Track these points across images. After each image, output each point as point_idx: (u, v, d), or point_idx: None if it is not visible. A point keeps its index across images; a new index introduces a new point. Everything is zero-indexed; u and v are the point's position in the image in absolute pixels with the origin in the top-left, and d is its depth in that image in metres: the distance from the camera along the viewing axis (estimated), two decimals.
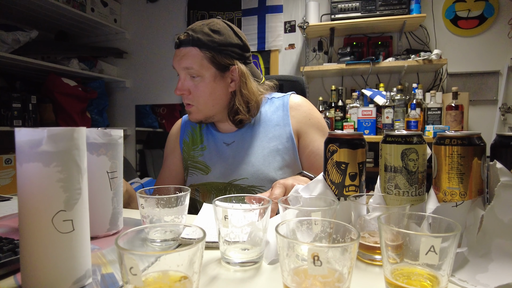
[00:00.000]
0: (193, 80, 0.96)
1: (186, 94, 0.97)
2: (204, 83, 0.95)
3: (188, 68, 0.94)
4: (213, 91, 0.97)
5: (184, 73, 0.96)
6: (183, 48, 0.95)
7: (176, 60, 0.96)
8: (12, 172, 2.18)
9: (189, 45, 0.94)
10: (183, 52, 0.94)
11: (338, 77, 2.64)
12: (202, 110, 0.99)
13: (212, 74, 0.95)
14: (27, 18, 2.58)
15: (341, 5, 2.33)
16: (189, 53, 0.94)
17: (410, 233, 0.40)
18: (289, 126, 1.01)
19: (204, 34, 0.94)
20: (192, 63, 0.93)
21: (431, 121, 2.16)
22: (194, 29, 0.95)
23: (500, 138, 0.53)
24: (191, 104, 0.99)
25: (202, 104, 0.98)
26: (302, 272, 0.38)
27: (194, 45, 0.94)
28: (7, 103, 2.22)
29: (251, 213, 0.50)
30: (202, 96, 0.97)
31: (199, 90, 0.96)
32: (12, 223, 0.72)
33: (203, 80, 0.95)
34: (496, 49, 2.34)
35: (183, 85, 0.96)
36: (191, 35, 0.94)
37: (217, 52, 0.94)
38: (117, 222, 0.66)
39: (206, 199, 1.03)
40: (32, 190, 0.41)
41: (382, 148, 0.59)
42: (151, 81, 3.11)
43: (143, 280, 0.35)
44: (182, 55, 0.94)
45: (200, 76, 0.95)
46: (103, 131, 0.62)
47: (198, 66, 0.94)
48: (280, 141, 1.00)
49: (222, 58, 0.95)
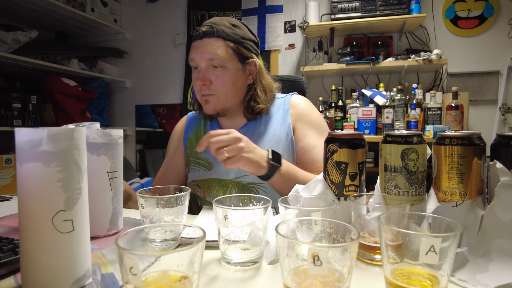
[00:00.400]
0: (215, 70, 0.96)
1: (208, 84, 0.97)
2: (227, 74, 0.97)
3: (213, 58, 0.95)
4: (235, 81, 0.99)
5: (206, 64, 0.96)
6: (206, 39, 0.96)
7: (198, 51, 0.96)
8: (12, 172, 2.18)
9: (213, 36, 0.95)
10: (206, 43, 0.95)
11: (338, 77, 2.64)
12: (223, 101, 0.99)
13: (235, 65, 0.98)
14: (27, 18, 2.58)
15: (341, 5, 2.33)
16: (213, 43, 0.95)
17: (410, 233, 0.40)
18: (289, 124, 1.02)
19: (226, 27, 0.97)
20: (217, 53, 0.94)
21: (431, 121, 2.16)
22: (215, 22, 0.97)
23: (500, 138, 0.53)
24: (211, 94, 0.99)
25: (223, 94, 0.98)
26: (302, 272, 0.38)
27: (218, 36, 0.96)
28: (7, 103, 2.22)
29: (251, 213, 0.50)
30: (225, 86, 0.97)
31: (222, 80, 0.97)
32: (12, 223, 0.72)
33: (225, 70, 0.97)
34: (496, 49, 2.34)
35: (204, 75, 0.96)
36: (214, 27, 0.96)
37: (239, 44, 0.98)
38: (117, 222, 0.66)
39: (207, 195, 1.04)
40: (32, 190, 0.41)
41: (382, 148, 0.59)
42: (151, 81, 3.11)
43: (143, 280, 0.35)
44: (205, 45, 0.95)
45: (223, 66, 0.96)
46: (103, 131, 0.62)
47: (223, 56, 0.95)
48: (280, 139, 1.01)
49: (244, 50, 0.99)
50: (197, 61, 0.97)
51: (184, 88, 2.97)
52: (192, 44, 0.99)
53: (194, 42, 0.98)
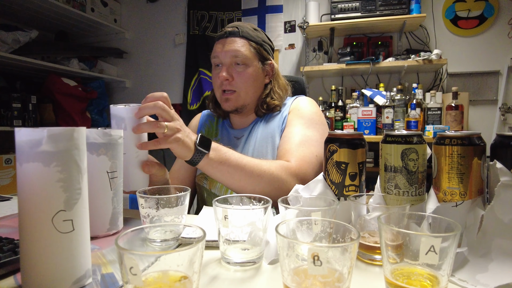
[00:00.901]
0: (237, 67, 1.03)
1: (230, 80, 1.03)
2: (248, 71, 1.04)
3: (237, 55, 1.01)
4: (255, 79, 1.06)
5: (229, 60, 1.03)
6: (231, 38, 1.03)
7: (223, 48, 1.03)
8: (12, 172, 2.18)
9: (237, 36, 1.04)
10: (231, 41, 1.03)
11: (338, 77, 2.64)
12: (243, 97, 1.05)
13: (256, 64, 1.05)
14: (27, 18, 2.58)
15: (341, 5, 2.33)
16: (238, 42, 1.03)
17: (410, 233, 0.40)
18: (285, 117, 1.07)
19: (249, 29, 1.06)
20: (241, 51, 1.02)
21: (431, 121, 2.16)
22: (239, 25, 1.06)
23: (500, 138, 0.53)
24: (232, 91, 1.04)
25: (244, 90, 1.04)
26: (302, 272, 0.38)
27: (242, 36, 1.04)
28: (7, 103, 2.22)
29: (251, 213, 0.50)
30: (246, 82, 1.04)
31: (244, 77, 1.03)
32: (12, 223, 0.72)
33: (247, 68, 1.03)
34: (496, 49, 2.34)
35: (228, 71, 1.02)
36: (239, 28, 1.04)
37: (260, 45, 1.06)
38: (117, 222, 0.66)
39: (212, 187, 1.07)
40: (32, 190, 0.41)
41: (382, 148, 0.59)
42: (151, 81, 3.11)
43: (143, 280, 0.35)
44: (230, 43, 1.02)
45: (245, 64, 1.03)
46: (103, 131, 0.62)
47: (246, 54, 1.02)
48: (274, 130, 1.05)
49: (264, 51, 1.08)
50: (221, 57, 1.03)
51: (184, 88, 2.97)
52: (216, 43, 1.06)
53: (218, 41, 1.05)
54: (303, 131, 0.98)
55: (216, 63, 1.06)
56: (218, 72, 1.04)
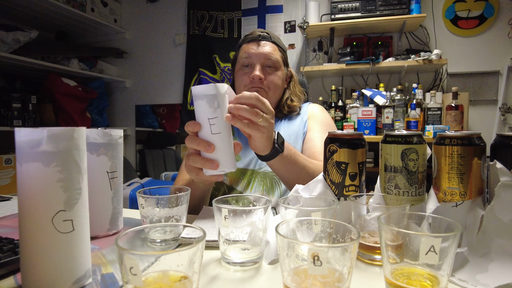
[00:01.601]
0: (268, 69, 1.10)
1: (262, 79, 1.08)
2: (277, 74, 1.12)
3: (270, 58, 1.09)
4: (281, 82, 1.14)
5: (262, 62, 1.09)
6: (264, 41, 1.11)
7: (257, 49, 1.09)
8: (12, 172, 2.18)
9: (270, 41, 1.12)
10: (264, 44, 1.10)
11: (338, 77, 2.64)
12: (270, 97, 1.11)
13: (282, 68, 1.14)
14: (27, 18, 2.58)
15: (341, 5, 2.33)
16: (271, 46, 1.11)
17: (410, 233, 0.40)
18: (306, 121, 1.15)
19: (277, 38, 1.16)
20: (273, 54, 1.10)
21: (431, 121, 2.16)
22: (268, 31, 1.14)
23: (500, 138, 0.53)
24: (263, 89, 1.09)
25: (272, 91, 1.11)
26: (302, 272, 0.38)
27: (273, 42, 1.13)
28: (7, 103, 2.22)
29: (251, 213, 0.50)
30: (275, 84, 1.11)
31: (274, 78, 1.11)
32: (12, 223, 0.72)
33: (276, 71, 1.11)
34: (496, 49, 2.34)
35: (261, 71, 1.08)
36: (270, 34, 1.13)
37: (284, 53, 1.17)
38: (117, 222, 0.66)
39: (233, 183, 1.09)
40: (32, 190, 0.41)
41: (382, 148, 0.59)
42: (151, 81, 3.11)
43: (143, 280, 0.35)
44: (263, 46, 1.10)
45: (275, 67, 1.11)
46: (103, 131, 0.62)
47: (276, 58, 1.11)
48: (298, 135, 1.12)
49: (286, 59, 1.18)
50: (254, 58, 1.09)
51: (184, 88, 2.97)
52: (247, 45, 1.12)
53: (249, 43, 1.12)
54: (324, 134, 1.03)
55: (245, 63, 1.11)
56: (248, 71, 1.09)
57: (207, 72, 2.89)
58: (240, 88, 1.13)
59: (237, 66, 1.15)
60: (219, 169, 0.64)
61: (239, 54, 1.14)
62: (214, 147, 0.62)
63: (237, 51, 1.18)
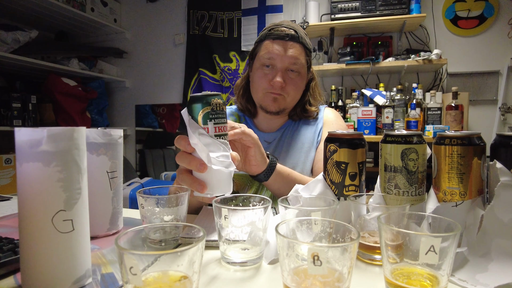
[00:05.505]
0: (290, 73, 1.01)
1: (283, 85, 1.00)
2: (299, 79, 1.03)
3: (295, 62, 0.99)
4: (302, 87, 1.06)
5: (286, 65, 1.00)
6: (291, 42, 0.99)
7: (284, 52, 0.99)
8: (12, 172, 2.18)
9: (297, 42, 1.00)
10: (291, 46, 0.99)
11: (338, 77, 2.64)
12: (289, 102, 1.05)
13: (305, 72, 1.05)
14: (27, 18, 2.58)
15: (341, 5, 2.33)
16: (298, 48, 1.00)
17: (410, 233, 0.40)
18: (320, 129, 1.10)
19: (304, 35, 1.03)
20: (299, 59, 1.00)
21: (431, 121, 2.16)
22: (295, 28, 1.01)
23: (500, 138, 0.53)
24: (281, 94, 1.02)
25: (292, 96, 1.03)
26: (302, 272, 0.38)
27: (300, 43, 1.01)
28: (7, 103, 2.22)
29: (251, 213, 0.50)
30: (295, 90, 1.03)
31: (295, 84, 1.02)
32: (12, 223, 0.72)
33: (299, 75, 1.02)
34: (496, 49, 2.34)
35: (283, 76, 1.00)
36: (298, 33, 1.00)
37: (310, 54, 1.05)
38: (117, 222, 0.66)
39: (240, 189, 1.03)
40: (32, 190, 0.41)
41: (382, 148, 0.59)
42: (151, 81, 3.11)
43: (143, 279, 0.35)
44: (290, 48, 0.99)
45: (298, 72, 1.01)
46: (103, 131, 0.62)
47: (301, 63, 1.01)
48: (312, 144, 1.07)
49: (311, 61, 1.07)
50: (278, 61, 0.99)
51: (184, 88, 2.97)
52: (271, 43, 1.00)
53: (274, 40, 1.00)
54: None
55: (267, 63, 1.01)
56: (268, 73, 1.01)
57: (207, 72, 2.89)
58: (258, 90, 1.05)
59: (256, 63, 1.05)
60: (207, 192, 0.56)
61: (261, 51, 1.03)
62: (206, 167, 0.54)
63: (258, 45, 1.06)
